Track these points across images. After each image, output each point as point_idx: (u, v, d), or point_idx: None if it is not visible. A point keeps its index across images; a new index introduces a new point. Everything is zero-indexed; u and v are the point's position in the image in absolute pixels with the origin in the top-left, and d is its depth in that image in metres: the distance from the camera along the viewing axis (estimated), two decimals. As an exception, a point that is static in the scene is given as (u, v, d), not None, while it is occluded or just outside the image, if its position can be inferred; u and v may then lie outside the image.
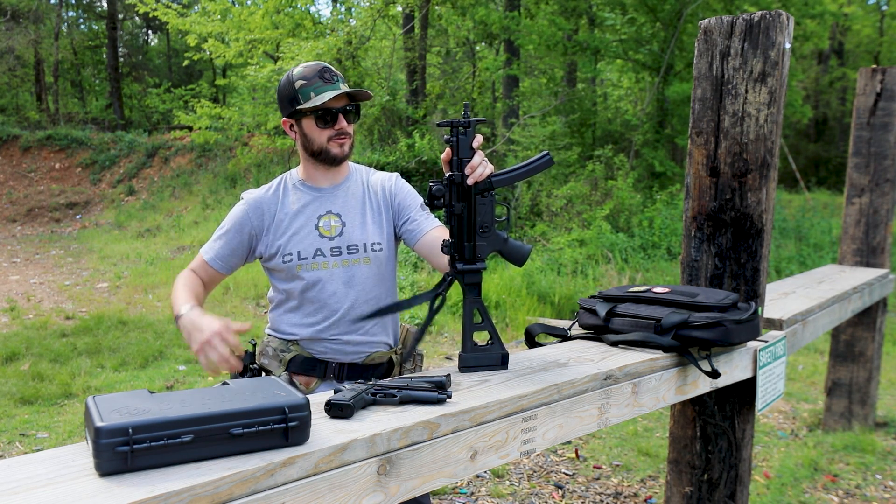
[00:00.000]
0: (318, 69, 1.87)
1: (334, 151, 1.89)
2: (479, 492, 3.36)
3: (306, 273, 1.88)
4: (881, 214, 4.20)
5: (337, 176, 1.97)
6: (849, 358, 4.25)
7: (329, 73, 1.88)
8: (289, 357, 1.92)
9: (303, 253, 1.88)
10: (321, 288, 1.88)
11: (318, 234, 1.89)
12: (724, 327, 1.80)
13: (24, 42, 20.83)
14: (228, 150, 16.09)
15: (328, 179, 1.96)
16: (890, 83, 4.15)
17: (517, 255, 1.64)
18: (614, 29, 12.26)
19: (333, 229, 1.91)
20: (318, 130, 1.89)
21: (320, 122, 1.88)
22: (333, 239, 1.90)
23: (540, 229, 9.48)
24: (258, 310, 7.51)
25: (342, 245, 1.89)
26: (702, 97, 2.20)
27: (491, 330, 1.61)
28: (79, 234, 14.16)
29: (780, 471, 3.63)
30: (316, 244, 1.89)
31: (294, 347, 1.92)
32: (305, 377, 1.91)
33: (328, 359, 1.91)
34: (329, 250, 1.88)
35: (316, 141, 1.90)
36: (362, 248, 1.90)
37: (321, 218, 1.91)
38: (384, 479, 1.17)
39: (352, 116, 1.91)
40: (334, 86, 1.86)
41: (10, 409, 4.41)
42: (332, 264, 1.88)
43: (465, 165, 1.57)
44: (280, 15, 12.94)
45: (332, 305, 1.88)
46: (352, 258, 1.89)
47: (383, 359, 1.96)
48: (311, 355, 1.91)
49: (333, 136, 1.88)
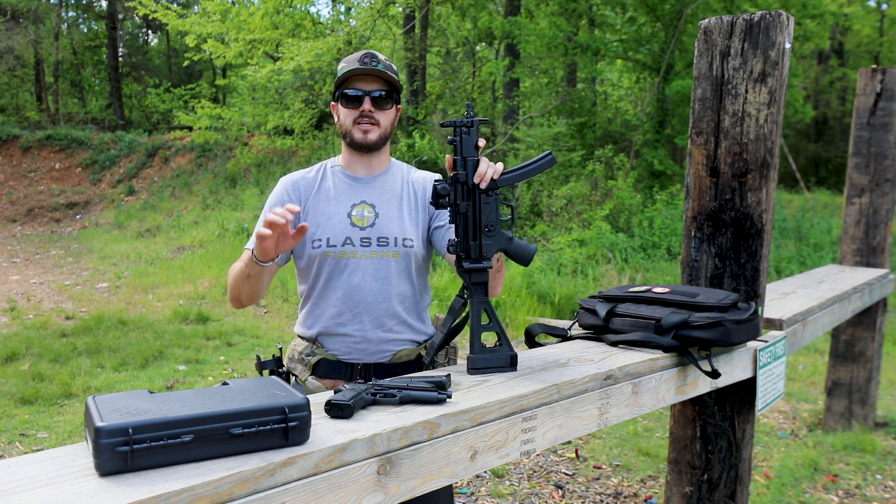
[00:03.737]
0: (361, 54, 1.87)
1: (357, 136, 1.87)
2: (479, 492, 3.36)
3: (333, 261, 1.84)
4: (881, 214, 4.20)
5: (375, 166, 1.94)
6: (849, 358, 4.25)
7: (369, 57, 1.86)
8: (314, 361, 1.88)
9: (332, 240, 1.84)
10: (347, 277, 1.84)
11: (349, 223, 1.86)
12: (724, 327, 1.80)
13: (23, 42, 20.83)
14: (228, 150, 16.10)
15: (365, 169, 1.93)
16: (890, 83, 4.15)
17: (522, 254, 1.64)
18: (614, 29, 12.27)
19: (366, 219, 1.87)
20: (344, 112, 1.88)
21: (346, 104, 1.87)
22: (365, 229, 1.85)
23: (540, 229, 9.49)
24: (258, 310, 7.51)
25: (373, 236, 1.85)
26: (702, 97, 2.20)
27: (499, 331, 1.60)
28: (79, 234, 14.16)
29: (780, 471, 3.63)
30: (346, 232, 1.85)
31: (319, 351, 1.88)
32: (331, 381, 1.86)
33: (353, 360, 1.86)
34: (359, 240, 1.84)
35: (343, 124, 1.89)
36: (393, 241, 1.85)
37: (355, 207, 1.88)
38: (384, 479, 1.17)
39: (383, 103, 1.86)
40: (365, 68, 1.83)
41: (10, 409, 4.41)
42: (360, 254, 1.84)
43: (469, 165, 1.58)
44: (280, 15, 12.95)
45: (356, 297, 1.84)
46: (381, 251, 1.84)
47: (411, 356, 1.90)
48: (336, 358, 1.87)
49: (357, 118, 1.86)
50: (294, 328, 2.00)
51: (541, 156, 1.67)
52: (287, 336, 6.49)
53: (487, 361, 1.59)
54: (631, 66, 13.01)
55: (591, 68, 11.82)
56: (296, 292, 7.86)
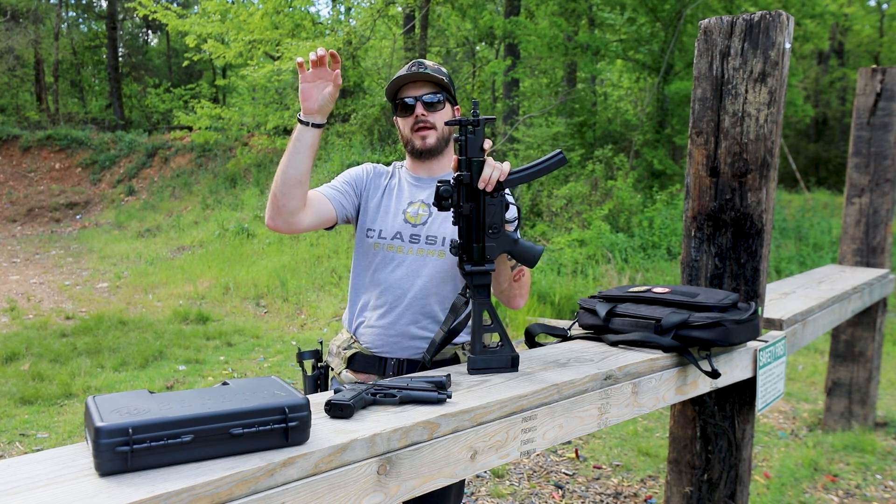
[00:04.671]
0: (411, 62, 1.91)
1: (417, 144, 1.91)
2: (479, 492, 3.36)
3: (382, 252, 1.89)
4: (881, 214, 4.20)
5: (437, 169, 1.98)
6: (849, 358, 4.25)
7: (417, 64, 1.89)
8: (349, 354, 1.91)
9: (384, 232, 1.90)
10: (392, 271, 1.88)
11: (403, 219, 1.91)
12: (724, 327, 1.80)
13: (23, 42, 20.82)
14: (228, 150, 16.09)
15: (427, 171, 1.97)
16: (890, 83, 4.15)
17: (528, 255, 1.63)
18: (614, 29, 12.26)
19: (419, 217, 1.90)
20: (401, 121, 1.93)
21: (401, 113, 1.92)
22: (416, 226, 1.89)
23: (540, 229, 9.49)
24: (258, 310, 7.51)
25: (422, 234, 1.89)
26: (702, 97, 2.20)
27: (501, 332, 1.60)
28: (79, 234, 14.16)
29: (780, 471, 3.63)
30: (398, 227, 1.90)
31: (355, 345, 1.92)
32: (366, 375, 1.89)
33: (385, 353, 1.88)
34: (409, 236, 1.88)
35: (403, 132, 1.94)
36: (440, 241, 1.87)
37: (411, 205, 1.93)
38: (384, 479, 1.17)
39: (435, 105, 1.89)
40: (412, 73, 1.87)
41: (10, 409, 4.41)
42: (407, 250, 1.88)
43: (474, 166, 1.57)
44: (280, 15, 12.95)
45: (396, 290, 1.87)
46: (428, 248, 1.87)
47: (445, 356, 1.89)
48: (371, 352, 1.89)
49: (414, 125, 1.90)
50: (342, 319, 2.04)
51: (551, 154, 1.65)
52: (287, 336, 6.49)
53: (488, 362, 1.58)
54: (631, 66, 13.01)
55: (591, 68, 11.82)
56: (295, 292, 7.86)
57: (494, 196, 1.58)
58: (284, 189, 1.73)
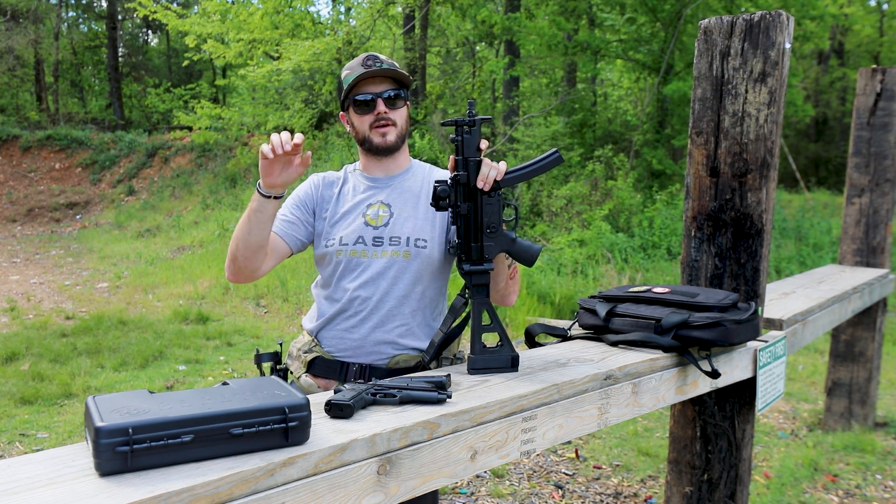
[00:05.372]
0: (364, 57, 1.85)
1: (376, 140, 1.86)
2: (479, 492, 3.36)
3: (344, 259, 1.84)
4: (881, 214, 4.20)
5: (393, 167, 1.93)
6: (849, 358, 4.25)
7: (373, 59, 1.84)
8: (310, 358, 1.86)
9: (345, 238, 1.84)
10: (357, 275, 1.83)
11: (363, 222, 1.85)
12: (724, 327, 1.80)
13: (23, 42, 20.82)
14: (228, 150, 16.10)
15: (383, 170, 1.92)
16: (890, 83, 4.15)
17: (526, 255, 1.62)
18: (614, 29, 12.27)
19: (380, 219, 1.85)
20: (358, 118, 1.87)
21: (359, 109, 1.85)
22: (378, 228, 1.84)
23: (540, 229, 9.49)
24: (258, 310, 7.51)
25: (385, 235, 1.84)
26: (702, 97, 2.20)
27: (500, 332, 1.59)
28: (79, 234, 14.16)
29: (780, 471, 3.63)
30: (359, 231, 1.84)
31: (317, 348, 1.87)
32: (325, 380, 1.84)
33: (348, 358, 1.84)
34: (371, 239, 1.83)
35: (359, 130, 1.88)
36: (405, 241, 1.83)
37: (370, 207, 1.87)
38: (384, 479, 1.17)
39: (395, 101, 1.85)
40: (371, 70, 1.81)
41: (10, 409, 4.41)
42: (371, 253, 1.83)
43: (471, 165, 1.57)
44: (280, 15, 12.95)
45: (362, 294, 1.82)
46: (392, 249, 1.82)
47: (409, 363, 1.84)
48: (333, 357, 1.85)
49: (374, 122, 1.84)
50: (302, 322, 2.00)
51: (547, 154, 1.64)
52: (287, 336, 6.49)
53: (488, 362, 1.58)
54: (631, 66, 13.01)
55: (590, 68, 11.82)
56: (295, 292, 7.86)
57: (492, 195, 1.57)
58: (247, 254, 1.76)
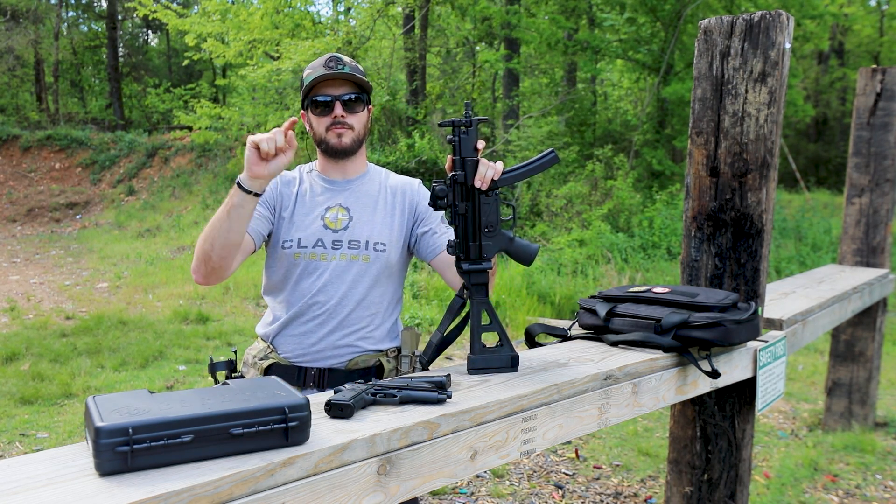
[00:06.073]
0: (327, 57, 1.84)
1: (332, 142, 1.85)
2: (479, 492, 3.36)
3: (303, 262, 1.83)
4: (881, 214, 4.20)
5: (350, 171, 1.93)
6: (849, 358, 4.25)
7: (335, 60, 1.82)
8: (266, 365, 1.85)
9: (303, 241, 1.83)
10: (315, 279, 1.83)
11: (322, 225, 1.85)
12: (723, 327, 1.80)
13: (23, 42, 20.82)
14: (228, 150, 16.10)
15: (340, 173, 1.92)
16: (890, 83, 4.15)
17: (524, 254, 1.62)
18: (614, 29, 12.27)
19: (339, 222, 1.85)
20: (316, 119, 1.86)
21: (316, 110, 1.84)
22: (337, 231, 1.84)
23: (540, 229, 9.49)
24: (258, 310, 7.51)
25: (344, 239, 1.84)
26: (702, 97, 2.20)
27: (500, 331, 1.59)
28: (79, 234, 14.16)
29: (780, 471, 3.63)
30: (318, 234, 1.84)
31: (273, 355, 1.86)
32: None
33: (306, 363, 1.83)
34: (330, 242, 1.83)
35: (316, 131, 1.87)
36: (364, 245, 1.84)
37: (329, 210, 1.87)
38: (384, 479, 1.17)
39: (354, 105, 1.84)
40: (332, 72, 1.80)
41: (10, 409, 4.41)
42: (330, 257, 1.82)
43: (468, 165, 1.57)
44: (280, 15, 12.95)
45: (319, 298, 1.82)
46: (351, 253, 1.83)
47: (368, 363, 1.85)
48: (290, 362, 1.84)
49: (331, 125, 1.84)
50: (256, 328, 1.97)
51: (543, 153, 1.65)
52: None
53: (488, 362, 1.58)
54: (631, 66, 13.01)
55: (590, 68, 11.83)
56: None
57: (489, 195, 1.58)
58: (223, 253, 1.69)
